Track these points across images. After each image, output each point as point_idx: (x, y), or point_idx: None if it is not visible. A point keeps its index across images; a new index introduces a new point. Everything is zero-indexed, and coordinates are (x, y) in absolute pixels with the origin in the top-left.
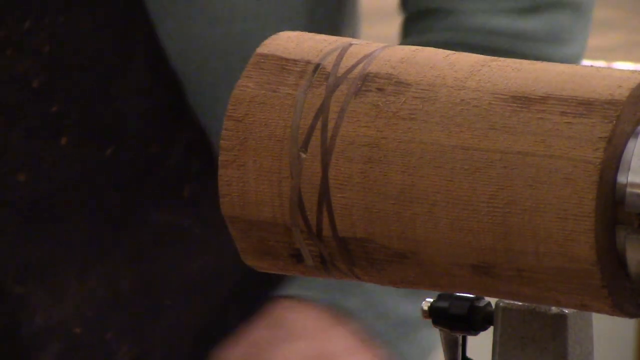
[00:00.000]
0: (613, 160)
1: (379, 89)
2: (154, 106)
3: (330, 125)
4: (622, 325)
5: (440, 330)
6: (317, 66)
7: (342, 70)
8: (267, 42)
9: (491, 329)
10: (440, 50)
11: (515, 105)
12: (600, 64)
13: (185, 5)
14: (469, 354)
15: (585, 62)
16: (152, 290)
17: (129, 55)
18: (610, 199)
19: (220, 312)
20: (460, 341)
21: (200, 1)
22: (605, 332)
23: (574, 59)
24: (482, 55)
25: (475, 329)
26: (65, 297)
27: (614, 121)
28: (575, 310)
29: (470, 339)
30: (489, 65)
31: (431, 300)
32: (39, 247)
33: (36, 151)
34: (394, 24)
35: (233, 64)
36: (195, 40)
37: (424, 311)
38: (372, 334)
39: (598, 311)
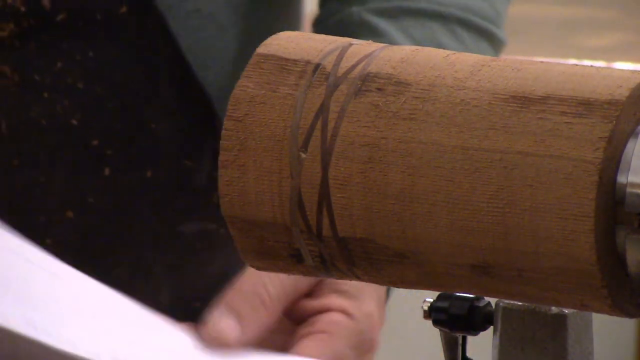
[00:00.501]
0: (613, 160)
1: (379, 89)
2: (184, 122)
3: (330, 125)
4: (622, 325)
5: (440, 330)
6: (317, 66)
7: (342, 70)
8: (267, 42)
9: (491, 329)
10: (441, 50)
11: (515, 105)
12: (600, 64)
13: (199, 16)
14: (469, 354)
15: (585, 62)
16: (185, 297)
17: (156, 77)
18: (610, 199)
19: None
20: (460, 341)
21: (210, 9)
22: (605, 332)
23: (503, 45)
24: (482, 55)
25: (475, 329)
26: None
27: (614, 121)
28: (575, 310)
29: (470, 339)
30: (489, 65)
31: (431, 300)
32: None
33: (81, 186)
34: None
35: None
36: (211, 49)
37: (424, 311)
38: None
39: (598, 311)
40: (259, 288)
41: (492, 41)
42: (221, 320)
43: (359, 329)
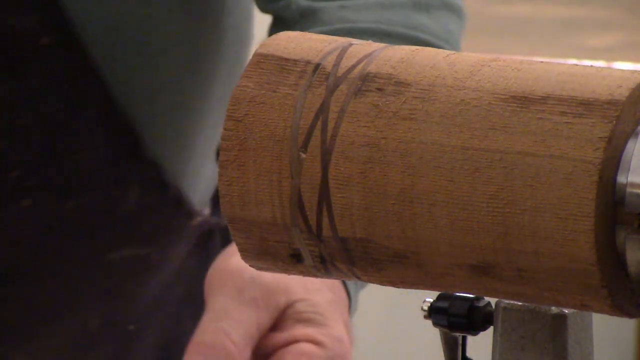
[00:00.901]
0: (613, 160)
1: (379, 89)
2: (109, 152)
3: (330, 125)
4: (622, 325)
5: (440, 330)
6: (317, 66)
7: (342, 70)
8: (267, 42)
9: (491, 329)
10: (441, 50)
11: (515, 105)
12: (600, 64)
13: (124, 46)
14: (469, 354)
15: (585, 62)
16: (118, 321)
17: (81, 110)
18: (610, 199)
19: (175, 320)
20: (460, 341)
21: (138, 39)
22: (605, 332)
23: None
24: (482, 55)
25: (475, 329)
26: (41, 352)
27: (614, 121)
28: (575, 310)
29: (470, 339)
30: (489, 65)
31: (431, 300)
32: (13, 309)
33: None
34: None
35: (177, 96)
36: (138, 79)
37: (424, 311)
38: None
39: (598, 311)
40: (221, 338)
41: (453, 11)
42: None
43: (331, 356)
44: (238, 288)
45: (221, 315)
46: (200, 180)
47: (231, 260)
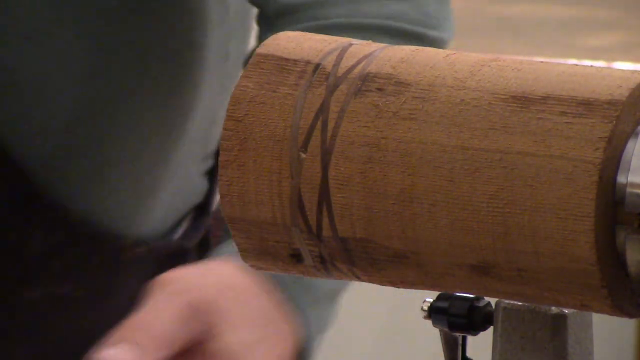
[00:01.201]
0: (613, 160)
1: (379, 89)
2: (3, 197)
3: (330, 125)
4: (622, 325)
5: (440, 330)
6: (317, 66)
7: (342, 70)
8: (267, 42)
9: (491, 329)
10: (441, 50)
11: (515, 105)
12: (600, 64)
13: (13, 88)
14: (469, 354)
15: (585, 62)
16: (47, 353)
17: None
18: (610, 199)
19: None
20: (460, 341)
21: (31, 79)
22: (605, 332)
23: (444, 44)
24: (482, 55)
25: (475, 329)
26: None
27: (614, 121)
28: (575, 310)
29: (470, 339)
30: (489, 65)
31: (431, 300)
32: None
33: None
34: None
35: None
36: (31, 122)
37: (424, 311)
38: (293, 305)
39: (598, 311)
40: (133, 333)
41: (423, 42)
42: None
43: None
44: (169, 293)
45: (142, 315)
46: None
47: (176, 271)
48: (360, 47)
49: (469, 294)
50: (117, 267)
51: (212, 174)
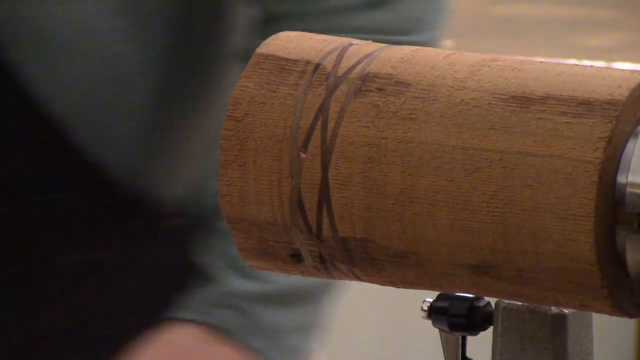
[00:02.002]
0: (613, 160)
1: (379, 89)
2: (37, 158)
3: (330, 125)
4: (622, 325)
5: (440, 330)
6: (317, 66)
7: (342, 70)
8: (267, 42)
9: (491, 329)
10: (440, 50)
11: (515, 105)
12: (600, 64)
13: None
14: (469, 354)
15: (585, 62)
16: (87, 322)
17: (6, 115)
18: (610, 199)
19: (124, 325)
20: (460, 341)
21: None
22: (605, 332)
23: (433, 44)
24: (482, 55)
25: (475, 329)
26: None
27: (614, 121)
28: (575, 310)
29: (470, 339)
30: (489, 65)
31: (431, 300)
32: None
33: None
34: None
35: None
36: (61, 78)
37: (424, 311)
38: (247, 347)
39: (598, 311)
40: None
41: None
42: None
43: None
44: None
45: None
46: (177, 180)
47: (164, 334)
48: (360, 47)
49: (469, 294)
50: (155, 236)
51: None
